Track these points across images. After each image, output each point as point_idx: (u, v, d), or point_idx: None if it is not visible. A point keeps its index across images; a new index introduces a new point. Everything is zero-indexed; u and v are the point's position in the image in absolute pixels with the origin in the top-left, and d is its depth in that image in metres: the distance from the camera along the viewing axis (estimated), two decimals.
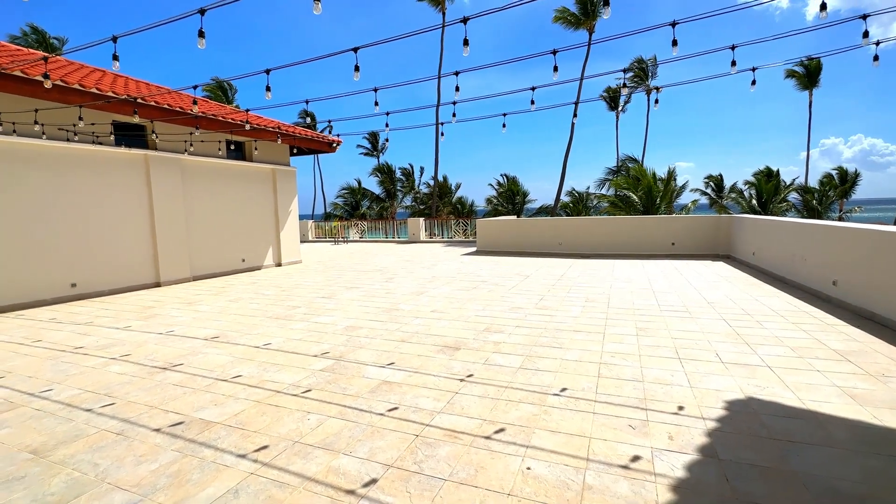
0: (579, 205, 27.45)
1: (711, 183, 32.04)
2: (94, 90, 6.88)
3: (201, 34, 2.88)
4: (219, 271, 10.49)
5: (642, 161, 33.79)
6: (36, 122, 6.25)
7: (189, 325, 5.86)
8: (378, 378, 3.81)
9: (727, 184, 31.52)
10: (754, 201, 22.88)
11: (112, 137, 8.06)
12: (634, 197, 18.64)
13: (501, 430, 2.88)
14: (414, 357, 4.32)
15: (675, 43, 3.36)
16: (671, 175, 20.75)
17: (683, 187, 26.09)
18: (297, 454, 2.64)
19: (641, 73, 33.63)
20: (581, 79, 26.05)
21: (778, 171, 27.12)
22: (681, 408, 3.09)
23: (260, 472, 2.47)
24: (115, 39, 3.06)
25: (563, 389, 3.46)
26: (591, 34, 25.02)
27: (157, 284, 9.09)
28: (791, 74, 33.73)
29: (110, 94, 6.90)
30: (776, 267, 8.02)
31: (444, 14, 26.45)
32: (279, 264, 12.20)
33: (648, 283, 7.86)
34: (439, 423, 2.99)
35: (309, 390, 3.59)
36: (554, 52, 3.72)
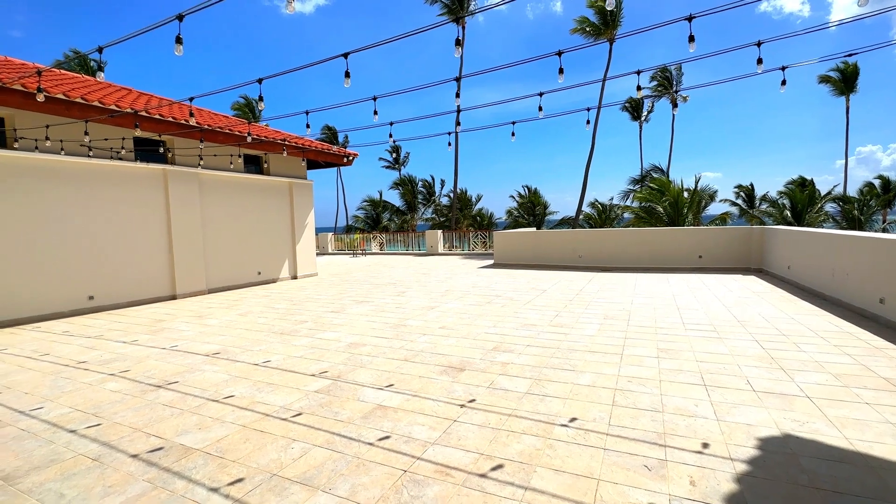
0: (602, 216, 26.81)
1: (742, 193, 30.80)
2: (95, 103, 7.02)
3: (178, 41, 2.81)
4: (234, 284, 10.54)
5: (668, 171, 32.94)
6: (47, 138, 6.40)
7: (194, 339, 5.78)
8: (374, 402, 3.58)
9: (759, 193, 30.23)
10: (788, 212, 21.79)
11: (133, 153, 8.25)
12: (659, 208, 17.99)
13: (499, 466, 2.59)
14: (415, 378, 4.07)
15: (691, 39, 3.06)
16: (698, 185, 20.00)
17: (712, 198, 25.09)
18: (273, 490, 2.42)
19: (665, 81, 32.92)
20: (602, 88, 25.66)
21: (812, 180, 25.86)
22: (705, 445, 2.73)
23: None
24: (100, 50, 3.04)
25: (573, 419, 3.14)
26: (611, 44, 24.67)
27: (174, 297, 9.16)
28: (826, 80, 32.34)
29: (113, 107, 7.03)
30: (814, 282, 7.43)
31: (463, 27, 26.65)
32: (295, 277, 12.20)
33: (673, 299, 7.40)
34: (432, 455, 2.73)
35: (299, 414, 3.39)
36: (559, 54, 3.48)
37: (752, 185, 30.46)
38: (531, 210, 28.17)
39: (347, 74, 3.46)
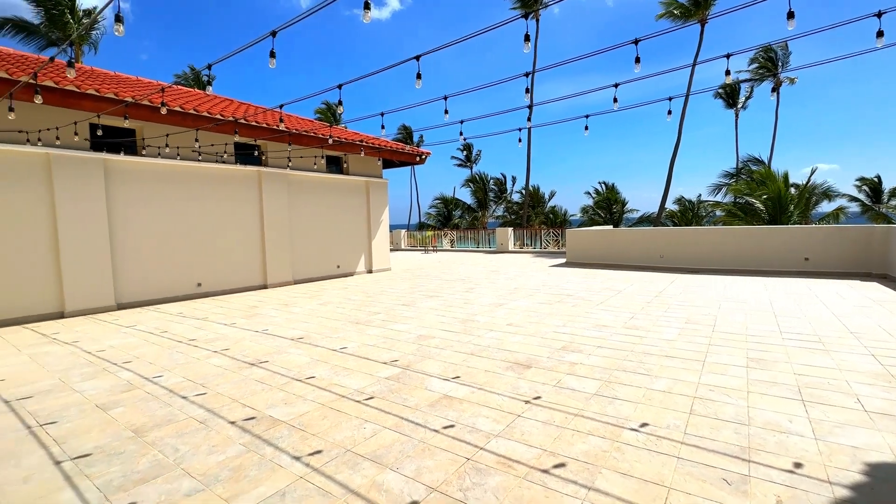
0: (688, 213, 24.77)
1: (865, 187, 26.61)
2: (205, 114, 7.94)
3: (272, 55, 3.14)
4: (316, 276, 11.39)
5: (769, 163, 29.50)
6: (167, 146, 7.39)
7: (281, 325, 6.37)
8: (440, 392, 3.70)
9: (886, 187, 25.92)
10: None
11: (233, 157, 9.26)
12: (758, 204, 16.20)
13: (562, 464, 2.56)
14: (481, 372, 4.14)
15: (790, 15, 2.74)
16: (810, 179, 17.69)
17: (826, 194, 21.90)
18: (347, 463, 2.63)
19: (769, 62, 29.46)
20: (691, 74, 23.65)
21: None
22: (798, 465, 2.47)
23: (309, 476, 2.50)
24: (209, 67, 3.50)
25: (643, 424, 3.00)
26: (703, 25, 22.62)
27: (264, 286, 10.13)
28: None
29: (218, 116, 7.91)
30: None
31: (537, 21, 26.10)
32: (370, 271, 12.86)
33: (769, 305, 6.67)
34: (495, 447, 2.77)
35: (371, 398, 3.62)
36: (636, 42, 3.31)
37: (877, 177, 26.21)
38: (608, 207, 26.83)
39: (419, 76, 3.61)
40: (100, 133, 6.54)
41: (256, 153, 9.54)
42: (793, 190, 16.80)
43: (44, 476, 2.57)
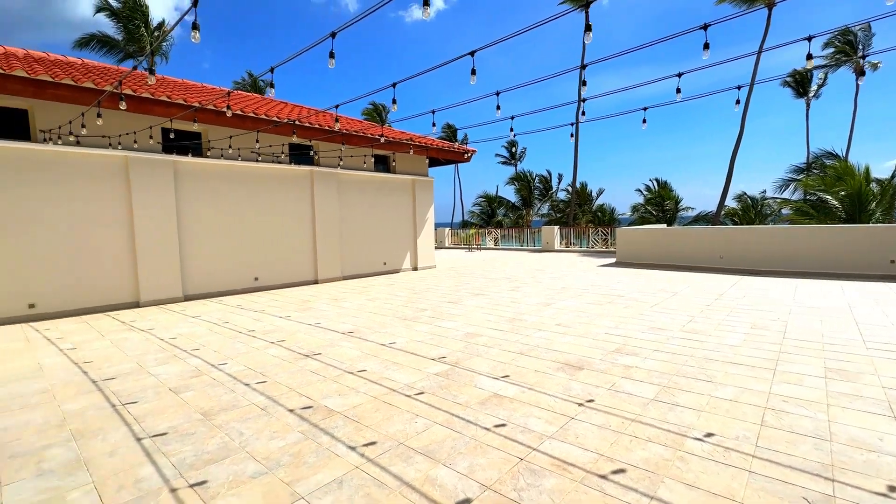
0: (750, 212, 23.13)
1: None
2: (263, 116, 8.33)
3: (331, 55, 3.23)
4: (364, 272, 11.68)
5: (846, 156, 27.00)
6: (230, 147, 7.82)
7: (333, 319, 6.58)
8: (490, 390, 3.68)
9: None
10: None
11: (288, 157, 9.68)
12: (833, 201, 14.83)
13: (621, 470, 2.46)
14: (530, 372, 4.07)
15: None
16: (895, 173, 15.92)
17: None
18: (400, 456, 2.67)
19: (847, 46, 26.89)
20: (756, 62, 22.05)
21: None
22: (893, 489, 2.23)
23: (364, 467, 2.56)
24: (272, 70, 3.67)
25: (709, 434, 2.83)
26: (770, 9, 20.99)
27: (315, 281, 10.52)
28: None
29: (275, 119, 8.27)
30: None
31: (587, 14, 25.28)
32: (415, 268, 13.01)
33: (849, 311, 6.10)
34: (548, 449, 2.71)
35: (421, 393, 3.65)
36: (705, 27, 3.11)
37: None
38: (660, 205, 25.60)
39: (473, 72, 3.59)
40: (172, 136, 7.04)
41: (311, 153, 9.92)
42: (874, 186, 15.25)
43: (126, 451, 2.80)
